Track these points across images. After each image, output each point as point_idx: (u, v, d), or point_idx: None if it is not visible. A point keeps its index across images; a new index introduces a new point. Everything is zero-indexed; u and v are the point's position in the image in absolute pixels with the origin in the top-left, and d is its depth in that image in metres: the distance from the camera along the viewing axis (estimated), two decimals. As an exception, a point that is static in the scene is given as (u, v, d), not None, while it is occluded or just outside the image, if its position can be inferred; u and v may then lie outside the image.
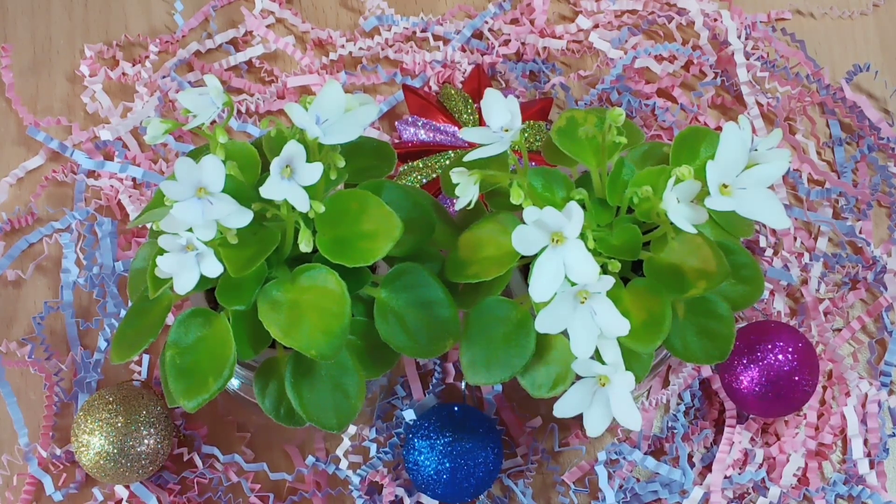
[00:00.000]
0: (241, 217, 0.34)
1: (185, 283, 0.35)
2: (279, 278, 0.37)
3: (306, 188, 0.34)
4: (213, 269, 0.35)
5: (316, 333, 0.35)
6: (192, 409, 0.36)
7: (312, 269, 0.37)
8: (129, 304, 0.41)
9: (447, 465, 0.47)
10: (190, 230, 0.34)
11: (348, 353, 0.39)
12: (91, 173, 0.57)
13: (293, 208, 0.35)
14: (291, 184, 0.34)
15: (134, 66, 0.60)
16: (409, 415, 0.49)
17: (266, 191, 0.33)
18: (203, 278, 0.35)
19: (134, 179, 0.56)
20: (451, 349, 0.51)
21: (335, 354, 0.35)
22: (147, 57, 0.59)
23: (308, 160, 0.34)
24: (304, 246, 0.35)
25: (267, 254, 0.36)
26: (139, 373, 0.52)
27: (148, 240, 0.41)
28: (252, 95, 0.59)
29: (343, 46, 0.60)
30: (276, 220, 0.37)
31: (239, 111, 0.58)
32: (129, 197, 0.55)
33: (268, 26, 0.61)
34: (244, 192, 0.36)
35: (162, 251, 0.35)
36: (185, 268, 0.35)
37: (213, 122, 0.37)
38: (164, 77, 0.59)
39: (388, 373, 0.40)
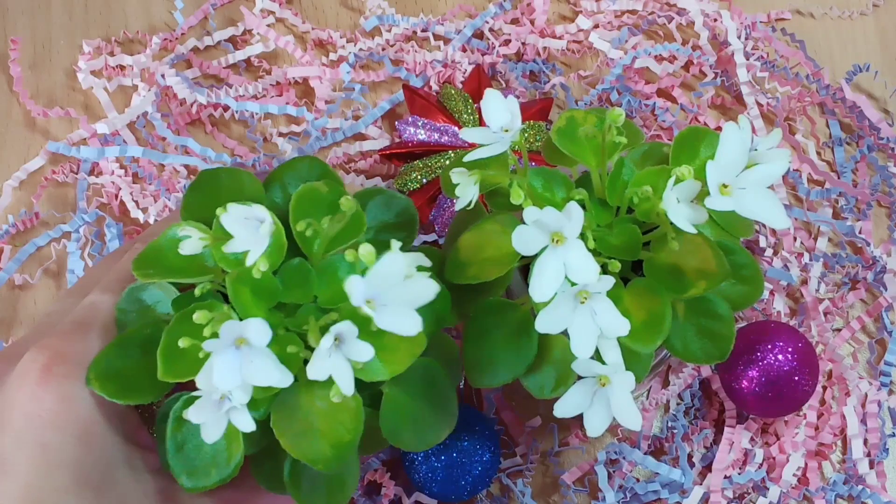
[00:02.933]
0: (282, 381, 0.32)
1: (213, 434, 0.33)
2: (295, 384, 0.35)
3: None
4: (246, 425, 0.33)
5: (325, 447, 0.34)
6: (191, 490, 0.35)
7: (329, 382, 0.34)
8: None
9: (443, 463, 0.47)
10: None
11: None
12: (92, 171, 0.57)
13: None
14: (338, 357, 0.32)
15: (132, 57, 0.60)
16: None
17: (312, 372, 0.31)
18: None
19: (135, 174, 0.56)
20: (455, 339, 0.52)
21: (341, 467, 0.34)
22: (147, 50, 0.59)
23: (359, 337, 0.32)
24: (337, 399, 0.33)
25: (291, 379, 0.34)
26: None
27: (139, 282, 0.38)
28: (250, 84, 0.59)
29: (343, 47, 0.60)
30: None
31: (239, 95, 0.59)
32: (131, 193, 0.56)
33: (268, 26, 0.61)
34: (266, 285, 0.34)
35: (183, 326, 0.33)
36: (215, 422, 0.33)
37: None
38: (162, 75, 0.59)
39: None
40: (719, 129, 0.44)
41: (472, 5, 0.63)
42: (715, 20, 0.61)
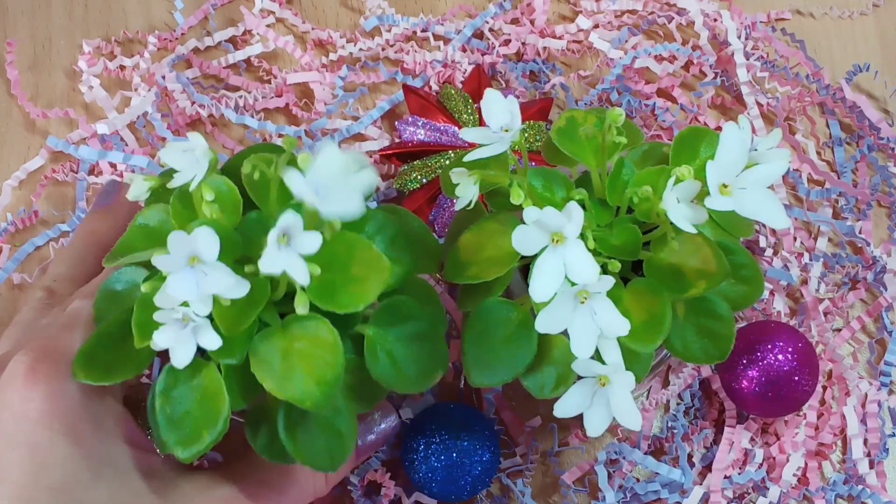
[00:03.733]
0: (238, 289, 0.33)
1: (182, 357, 0.34)
2: (270, 327, 0.36)
3: None
4: (212, 342, 0.34)
5: (310, 384, 0.34)
6: (187, 460, 0.35)
7: (305, 318, 0.35)
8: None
9: (443, 463, 0.47)
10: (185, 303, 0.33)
11: (340, 394, 0.38)
12: (91, 171, 0.57)
13: None
14: (289, 253, 0.32)
15: (131, 58, 0.60)
16: (407, 413, 0.49)
17: (265, 265, 0.32)
18: None
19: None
20: (454, 339, 0.52)
21: (329, 404, 0.34)
22: (145, 51, 0.59)
23: (305, 227, 0.33)
24: (301, 309, 0.34)
25: (259, 309, 0.35)
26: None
27: (127, 265, 0.39)
28: (249, 93, 0.59)
29: (343, 47, 0.60)
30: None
31: (237, 104, 0.59)
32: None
33: (268, 26, 0.61)
34: (228, 237, 0.35)
35: (152, 296, 0.34)
36: (182, 343, 0.34)
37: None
38: (162, 76, 0.59)
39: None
40: (719, 129, 0.44)
41: (472, 5, 0.62)
42: (715, 20, 0.61)
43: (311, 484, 0.42)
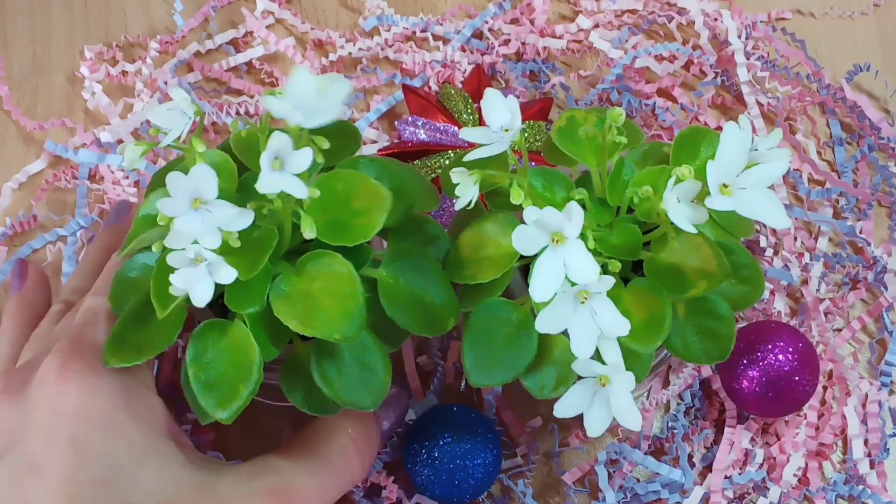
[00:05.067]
0: (242, 219, 0.34)
1: (201, 296, 0.34)
2: (284, 272, 0.37)
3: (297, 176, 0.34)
4: (227, 275, 0.34)
5: (334, 318, 0.35)
6: (229, 419, 0.36)
7: (316, 255, 0.37)
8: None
9: (445, 465, 0.47)
10: (195, 242, 0.34)
11: (366, 330, 0.39)
12: (93, 177, 0.57)
13: (288, 199, 0.35)
14: (284, 175, 0.33)
15: (133, 63, 0.60)
16: (409, 415, 0.49)
17: (262, 186, 0.33)
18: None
19: (136, 183, 0.56)
20: (454, 340, 0.52)
21: (358, 334, 0.35)
22: (147, 56, 0.59)
23: (294, 148, 0.34)
24: (309, 233, 0.35)
25: (271, 250, 0.35)
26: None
27: (140, 252, 0.40)
28: (252, 97, 0.59)
29: (342, 47, 0.60)
30: (270, 216, 0.37)
31: (238, 112, 0.58)
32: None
33: (267, 26, 0.61)
34: (228, 197, 0.36)
35: (165, 266, 0.34)
36: (199, 280, 0.34)
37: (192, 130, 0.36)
38: (164, 82, 0.58)
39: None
40: (719, 128, 0.44)
41: (472, 5, 0.62)
42: (715, 20, 0.61)
43: (349, 471, 0.42)
